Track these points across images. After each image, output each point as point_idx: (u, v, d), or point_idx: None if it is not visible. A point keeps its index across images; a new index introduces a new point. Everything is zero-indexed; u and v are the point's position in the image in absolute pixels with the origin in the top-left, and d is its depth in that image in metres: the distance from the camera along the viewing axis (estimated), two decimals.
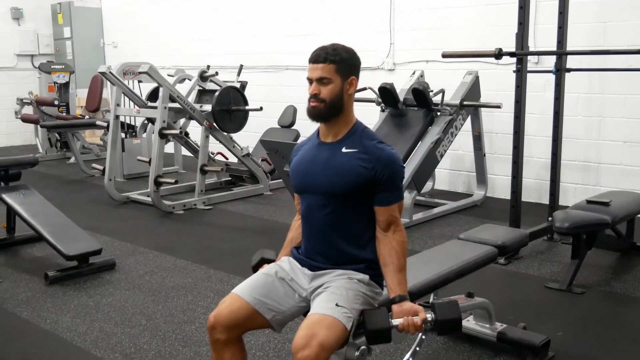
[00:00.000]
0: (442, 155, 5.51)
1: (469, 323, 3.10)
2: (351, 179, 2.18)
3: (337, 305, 2.07)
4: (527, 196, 5.90)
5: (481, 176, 6.03)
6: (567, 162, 5.65)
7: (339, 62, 2.20)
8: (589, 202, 4.06)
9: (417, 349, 2.75)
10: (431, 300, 2.80)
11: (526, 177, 5.81)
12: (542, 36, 5.46)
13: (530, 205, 5.74)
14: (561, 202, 5.34)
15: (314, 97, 2.20)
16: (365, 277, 2.21)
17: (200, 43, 8.78)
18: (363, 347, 2.17)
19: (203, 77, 6.36)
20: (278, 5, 7.89)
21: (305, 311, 2.24)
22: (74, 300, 3.76)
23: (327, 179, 2.22)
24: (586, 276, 4.00)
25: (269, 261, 2.42)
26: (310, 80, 2.22)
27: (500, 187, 6.16)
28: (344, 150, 2.22)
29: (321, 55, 2.20)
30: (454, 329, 2.19)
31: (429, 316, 2.12)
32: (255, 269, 2.42)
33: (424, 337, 2.51)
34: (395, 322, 2.09)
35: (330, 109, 2.20)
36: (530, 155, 5.85)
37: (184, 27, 9.04)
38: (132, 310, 3.60)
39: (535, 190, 5.93)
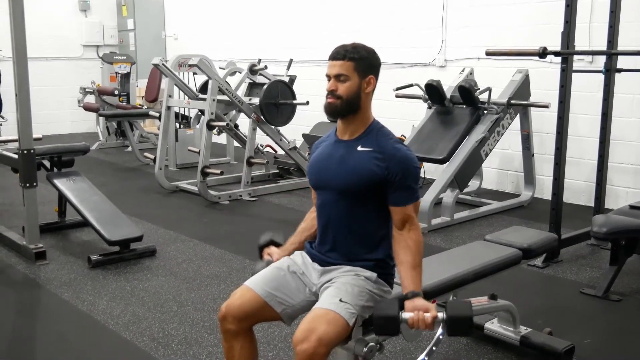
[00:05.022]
0: (487, 154, 5.41)
1: (493, 325, 3.05)
2: (364, 177, 2.19)
3: (340, 300, 2.09)
4: (577, 199, 5.78)
5: (529, 177, 5.90)
6: (620, 165, 5.48)
7: (357, 60, 2.21)
8: (632, 207, 3.93)
9: (434, 348, 2.73)
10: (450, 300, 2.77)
11: (577, 179, 5.71)
12: (598, 35, 5.29)
13: (580, 208, 5.60)
14: (612, 206, 5.19)
15: (330, 93, 2.23)
16: (373, 274, 2.22)
17: (255, 36, 8.89)
18: (372, 343, 2.18)
19: (252, 70, 6.44)
20: (331, 2, 7.90)
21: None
22: (112, 284, 3.91)
23: (341, 177, 2.24)
24: (626, 283, 3.87)
25: (276, 244, 2.48)
26: (329, 77, 2.25)
27: (549, 188, 5.92)
28: (359, 148, 2.24)
29: (340, 53, 2.22)
30: (464, 330, 2.15)
31: (441, 315, 2.10)
32: (261, 248, 2.48)
33: (441, 336, 2.48)
34: (406, 315, 2.08)
35: (346, 105, 2.22)
36: (582, 157, 5.69)
37: (241, 20, 9.16)
38: (165, 297, 3.71)
39: (585, 192, 5.75)
